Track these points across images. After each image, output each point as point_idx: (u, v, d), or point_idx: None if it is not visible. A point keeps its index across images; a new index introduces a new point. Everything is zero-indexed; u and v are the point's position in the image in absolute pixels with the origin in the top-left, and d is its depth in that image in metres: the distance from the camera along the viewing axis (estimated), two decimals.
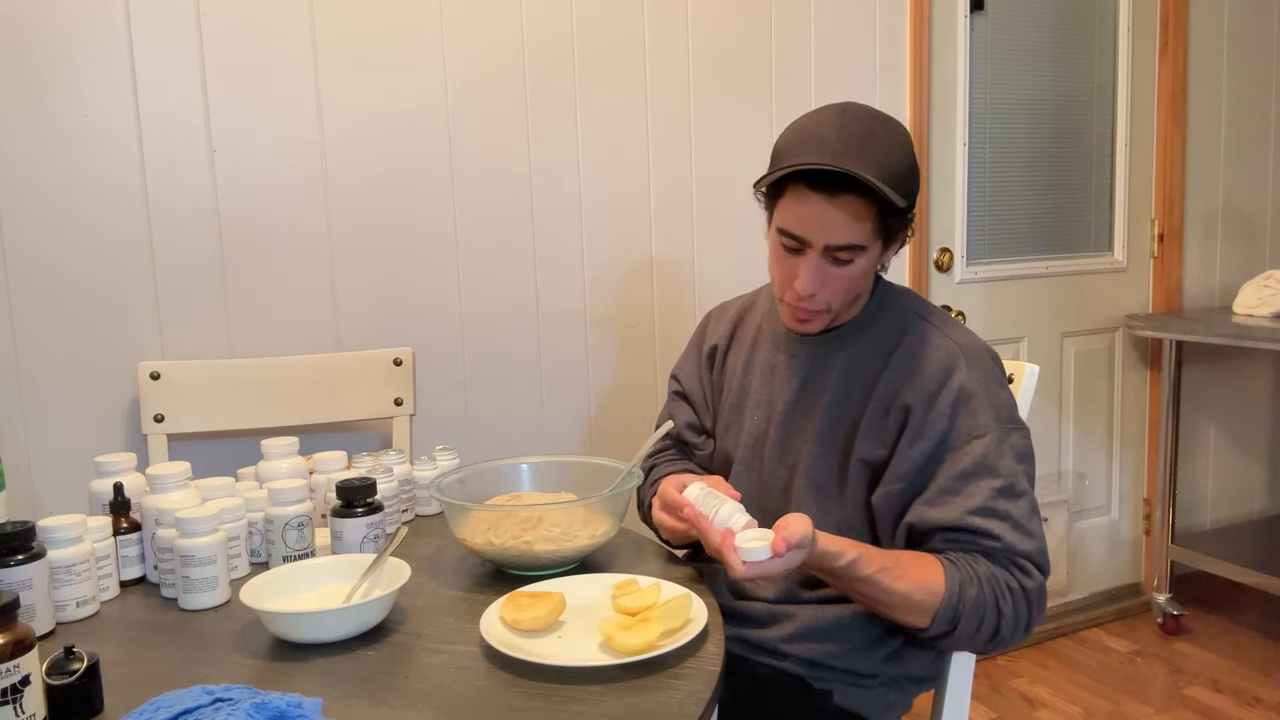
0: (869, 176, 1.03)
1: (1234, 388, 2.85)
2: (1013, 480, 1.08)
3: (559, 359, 1.91)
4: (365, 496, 1.13)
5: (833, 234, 1.09)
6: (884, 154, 1.07)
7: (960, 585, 1.04)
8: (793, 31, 2.08)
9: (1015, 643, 1.09)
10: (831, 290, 1.13)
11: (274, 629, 0.94)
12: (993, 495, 1.07)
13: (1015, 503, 1.08)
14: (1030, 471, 1.12)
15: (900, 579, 1.04)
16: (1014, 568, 1.07)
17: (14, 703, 0.74)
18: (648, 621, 0.91)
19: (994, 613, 1.05)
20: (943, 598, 1.03)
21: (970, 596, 1.04)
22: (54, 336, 1.54)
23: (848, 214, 1.07)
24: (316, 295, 1.71)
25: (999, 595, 1.05)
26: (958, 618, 1.04)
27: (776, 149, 1.14)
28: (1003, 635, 1.06)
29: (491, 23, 1.79)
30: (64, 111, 1.51)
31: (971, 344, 1.16)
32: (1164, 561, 2.62)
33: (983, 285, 2.41)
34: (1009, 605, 1.05)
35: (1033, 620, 1.08)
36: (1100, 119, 2.55)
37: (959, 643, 1.09)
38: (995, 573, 1.06)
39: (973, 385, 1.11)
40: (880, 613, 1.09)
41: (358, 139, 1.71)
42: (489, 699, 0.82)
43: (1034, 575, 1.07)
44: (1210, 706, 2.20)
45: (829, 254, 1.10)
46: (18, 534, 0.94)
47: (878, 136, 1.08)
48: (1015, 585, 1.06)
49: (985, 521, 1.06)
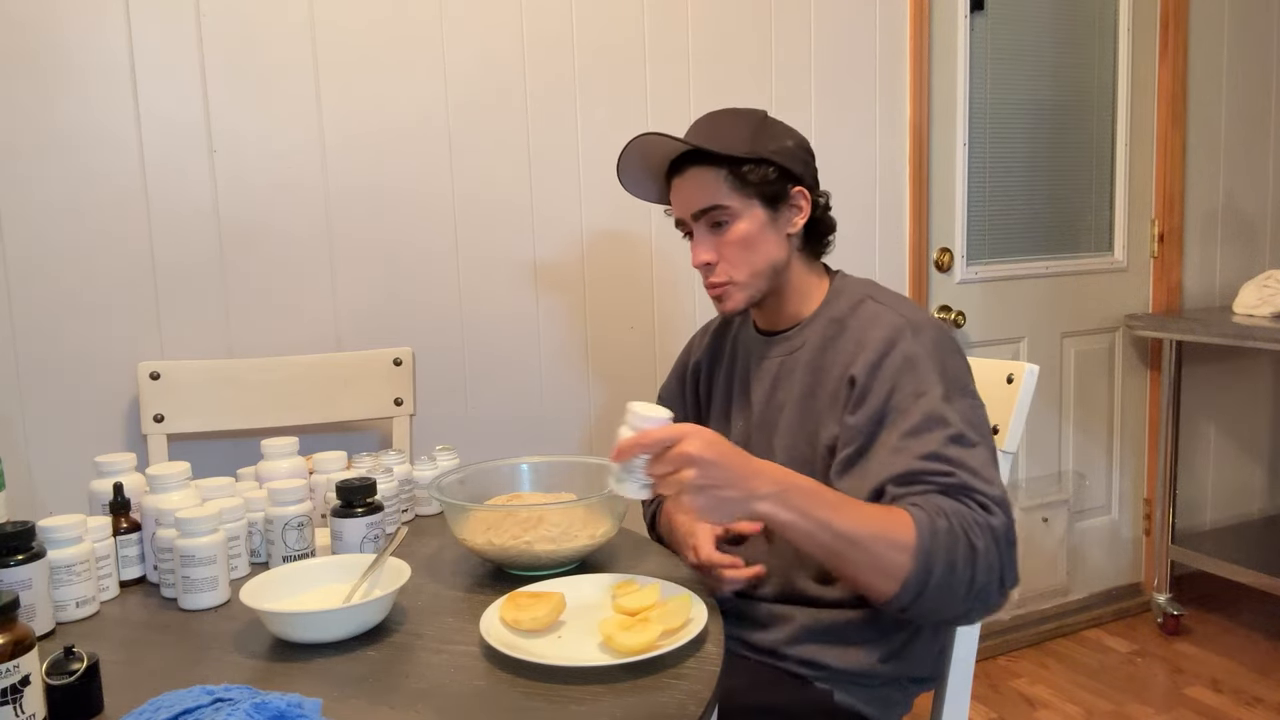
0: (668, 134, 1.16)
1: (1234, 388, 2.85)
2: (964, 431, 1.04)
3: (559, 359, 1.92)
4: (365, 496, 1.13)
5: (693, 201, 1.20)
6: (713, 124, 1.21)
7: (930, 519, 0.96)
8: (792, 31, 2.08)
9: (993, 604, 1.00)
10: (729, 260, 1.20)
11: (274, 629, 0.94)
12: (944, 443, 1.02)
13: (969, 450, 1.02)
14: (986, 437, 1.06)
15: (868, 515, 0.97)
16: (975, 505, 0.99)
17: (14, 703, 0.74)
18: (648, 621, 0.91)
19: (967, 548, 0.96)
20: (914, 534, 0.95)
21: (941, 529, 0.96)
22: (54, 336, 1.54)
23: (697, 182, 1.19)
24: (316, 295, 1.71)
25: (968, 529, 0.97)
26: (933, 557, 0.95)
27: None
28: (979, 583, 0.97)
29: (492, 24, 1.79)
30: (64, 111, 1.51)
31: (921, 318, 1.14)
32: (1164, 561, 2.62)
33: (983, 285, 2.41)
34: (981, 540, 0.97)
35: (1006, 570, 0.99)
36: (1100, 119, 2.55)
37: (934, 597, 0.96)
38: (958, 508, 0.98)
39: (918, 351, 1.09)
40: (848, 568, 0.98)
41: (358, 139, 1.71)
42: (489, 699, 0.82)
43: (998, 514, 0.99)
44: (1210, 706, 2.20)
45: (705, 223, 1.21)
46: (18, 534, 0.94)
47: (714, 116, 1.23)
48: (982, 520, 0.98)
49: (938, 464, 1.01)
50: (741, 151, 1.17)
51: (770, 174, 1.18)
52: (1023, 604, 2.56)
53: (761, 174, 1.18)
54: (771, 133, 1.22)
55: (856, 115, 2.18)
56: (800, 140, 1.24)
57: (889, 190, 2.24)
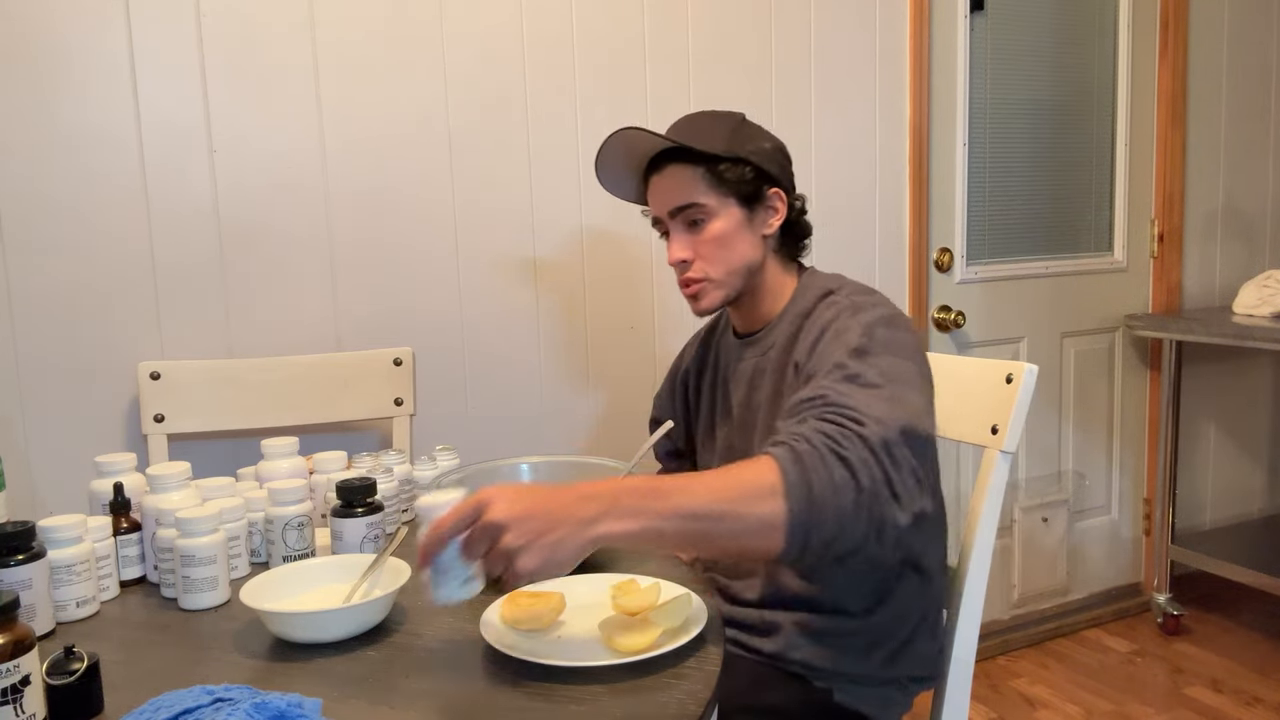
0: (645, 128, 1.16)
1: (1234, 388, 2.85)
2: (861, 372, 0.98)
3: (559, 359, 1.92)
4: (365, 496, 1.13)
5: (671, 199, 1.21)
6: (692, 124, 1.22)
7: (790, 450, 0.88)
8: (793, 31, 2.08)
9: (892, 519, 0.88)
10: (705, 258, 1.20)
11: (274, 629, 0.94)
12: (835, 381, 0.97)
13: (859, 388, 0.96)
14: (896, 384, 0.97)
15: (722, 479, 0.88)
16: (844, 420, 0.91)
17: (14, 703, 0.74)
18: (648, 621, 0.91)
19: (836, 460, 0.87)
20: (778, 472, 0.86)
21: (804, 452, 0.88)
22: (54, 336, 1.54)
23: (675, 179, 1.20)
24: (317, 295, 1.71)
25: (833, 442, 0.89)
26: (806, 485, 0.86)
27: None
28: (867, 491, 0.87)
29: (492, 24, 1.79)
30: (64, 112, 1.51)
31: (865, 301, 1.12)
32: (1164, 561, 2.62)
33: (982, 285, 2.41)
34: (851, 450, 0.88)
35: (894, 478, 0.89)
36: (1100, 119, 2.55)
37: (827, 527, 0.86)
38: (821, 426, 0.91)
39: (851, 324, 1.07)
40: (729, 543, 0.88)
41: (358, 138, 1.71)
42: (489, 699, 0.82)
43: (869, 425, 0.90)
44: (1210, 706, 2.20)
45: (682, 221, 1.21)
46: (18, 534, 0.94)
47: (693, 118, 1.24)
48: (850, 431, 0.90)
49: (818, 397, 0.95)
50: (719, 150, 1.18)
51: (747, 174, 1.19)
52: (1023, 604, 2.56)
53: (738, 173, 1.18)
54: (749, 134, 1.22)
55: (856, 115, 2.18)
56: (777, 143, 1.25)
57: (889, 190, 2.24)
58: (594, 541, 0.82)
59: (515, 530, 0.79)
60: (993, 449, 1.22)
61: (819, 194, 2.15)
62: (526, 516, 0.80)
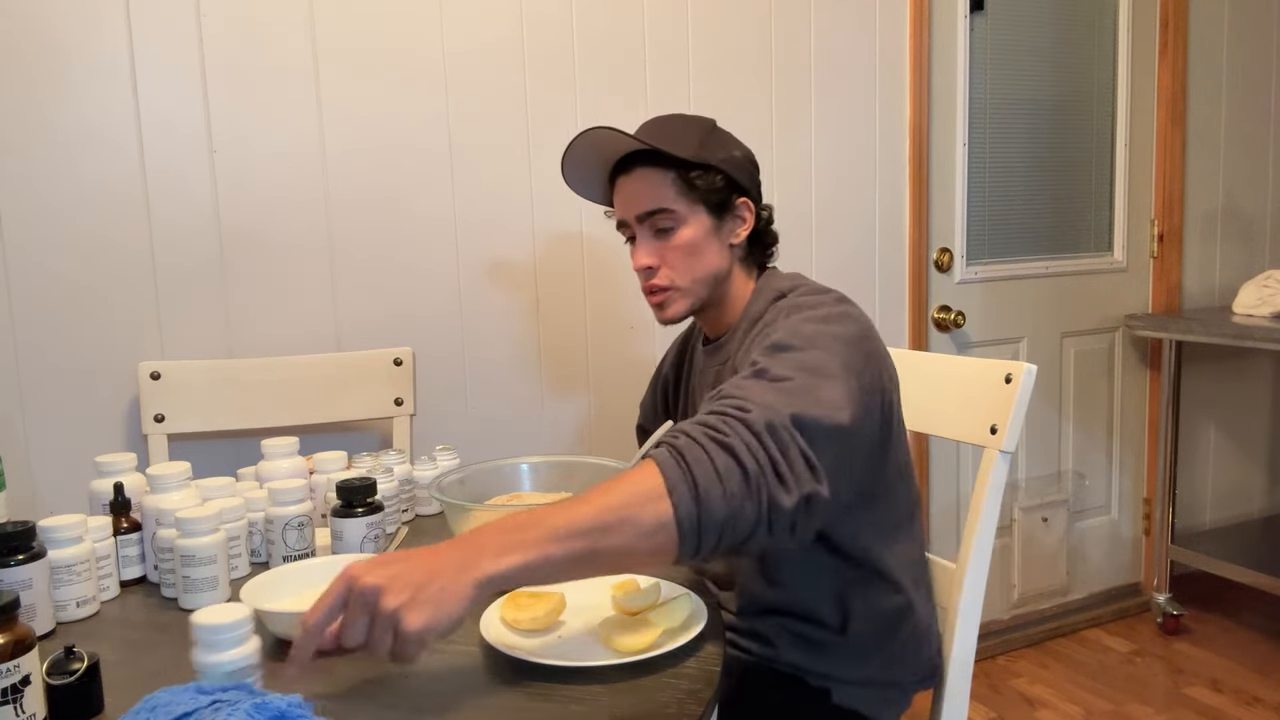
0: (617, 129, 1.14)
1: (1234, 388, 2.85)
2: (768, 367, 0.94)
3: (559, 359, 1.92)
4: (365, 496, 1.13)
5: (639, 203, 1.19)
6: (664, 127, 1.20)
7: (668, 449, 0.85)
8: (793, 31, 2.08)
9: (785, 503, 0.84)
10: (672, 265, 1.19)
11: (274, 629, 0.94)
12: (739, 380, 0.94)
13: (757, 381, 0.92)
14: (806, 375, 0.93)
15: (602, 491, 0.83)
16: (728, 409, 0.88)
17: (14, 703, 0.74)
18: (648, 622, 0.91)
19: (718, 447, 0.84)
20: (659, 473, 0.83)
21: (682, 445, 0.85)
22: (54, 336, 1.54)
23: (645, 183, 1.18)
24: (317, 295, 1.71)
25: (712, 430, 0.86)
26: (690, 480, 0.82)
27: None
28: (753, 475, 0.83)
29: (492, 24, 1.79)
30: (64, 112, 1.51)
31: (803, 301, 1.09)
32: (1164, 561, 2.62)
33: (982, 285, 2.41)
34: (732, 434, 0.85)
35: (780, 462, 0.85)
36: (1100, 119, 2.55)
37: (719, 517, 0.82)
38: (703, 419, 0.88)
39: (780, 324, 1.04)
40: (624, 558, 0.83)
41: (358, 138, 1.71)
42: (489, 699, 0.82)
43: (753, 410, 0.87)
44: (1210, 706, 2.20)
45: (649, 226, 1.19)
46: (18, 534, 0.94)
47: (663, 120, 1.22)
48: (731, 418, 0.86)
49: (716, 396, 0.92)
50: (690, 156, 1.16)
51: (717, 181, 1.18)
52: (1023, 604, 2.56)
53: (709, 181, 1.17)
54: (720, 141, 1.21)
55: (856, 115, 2.18)
56: (747, 152, 1.24)
57: (889, 190, 2.24)
58: (479, 585, 0.76)
59: (392, 590, 0.74)
60: (992, 449, 1.22)
61: (819, 194, 2.15)
62: (399, 575, 0.75)
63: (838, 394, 0.93)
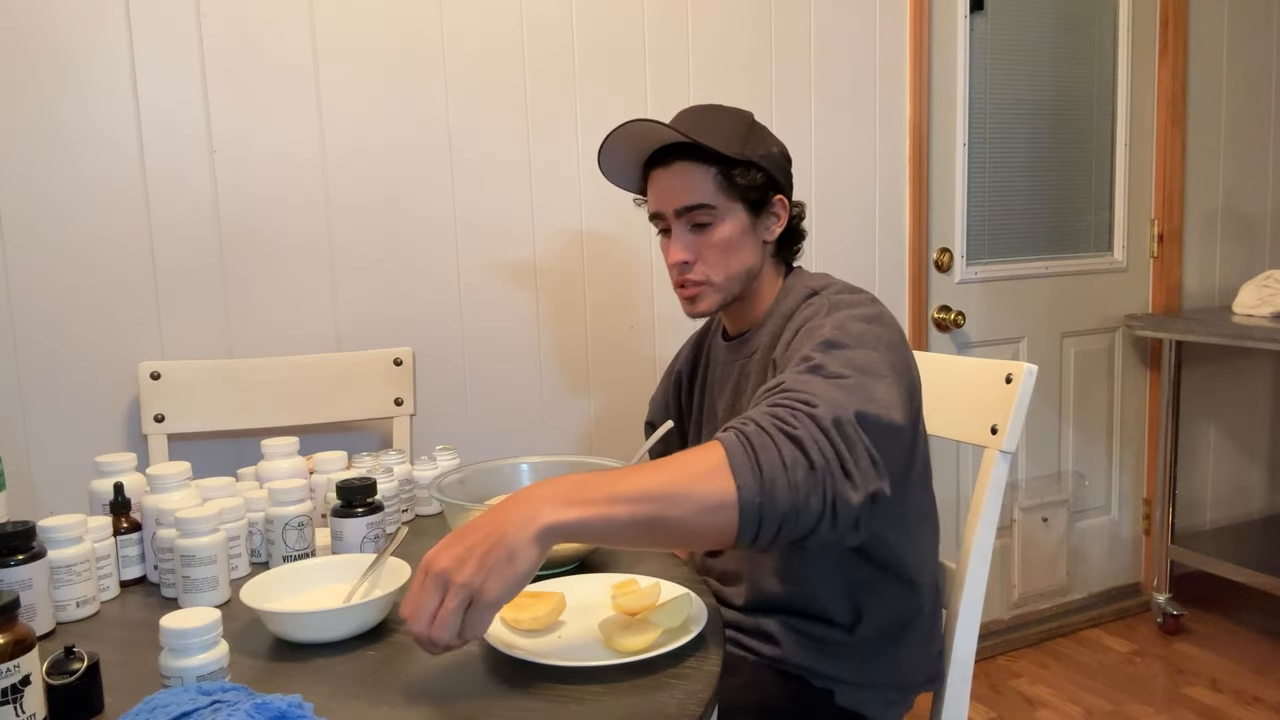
0: (661, 121, 1.13)
1: (1234, 388, 2.85)
2: (824, 363, 0.95)
3: (559, 359, 1.92)
4: (365, 496, 1.13)
5: (679, 197, 1.18)
6: (704, 119, 1.19)
7: (734, 432, 0.86)
8: (792, 31, 2.08)
9: (849, 498, 0.85)
10: (707, 260, 1.18)
11: (274, 629, 0.94)
12: (797, 373, 0.95)
13: (818, 378, 0.93)
14: (860, 374, 0.95)
15: (667, 463, 0.85)
16: (795, 403, 0.89)
17: (14, 703, 0.74)
18: (648, 622, 0.91)
19: (785, 438, 0.85)
20: (722, 451, 0.84)
21: (750, 431, 0.86)
22: (54, 336, 1.54)
23: (685, 178, 1.17)
24: (317, 295, 1.71)
25: (780, 422, 0.87)
26: (755, 463, 0.83)
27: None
28: (819, 467, 0.84)
29: (492, 24, 1.79)
30: (64, 112, 1.51)
31: (843, 300, 1.10)
32: (1164, 561, 2.62)
33: (982, 285, 2.41)
34: (800, 427, 0.86)
35: (848, 459, 0.86)
36: (1100, 119, 2.55)
37: (781, 503, 0.83)
38: (770, 409, 0.89)
39: (824, 322, 1.05)
40: (682, 529, 0.84)
41: (358, 138, 1.71)
42: (489, 699, 0.82)
43: (820, 405, 0.88)
44: (1210, 706, 2.20)
45: (687, 220, 1.18)
46: (18, 534, 0.94)
47: (703, 111, 1.21)
48: (799, 412, 0.87)
49: (775, 387, 0.93)
50: (734, 152, 1.16)
51: (758, 179, 1.18)
52: (1023, 604, 2.56)
53: (750, 178, 1.17)
54: (761, 137, 1.21)
55: (856, 115, 2.18)
56: (783, 148, 1.24)
57: (889, 190, 2.24)
58: (541, 537, 0.78)
59: (461, 565, 0.77)
60: (992, 449, 1.22)
61: (819, 194, 2.15)
62: (464, 548, 0.77)
63: (891, 394, 0.95)
